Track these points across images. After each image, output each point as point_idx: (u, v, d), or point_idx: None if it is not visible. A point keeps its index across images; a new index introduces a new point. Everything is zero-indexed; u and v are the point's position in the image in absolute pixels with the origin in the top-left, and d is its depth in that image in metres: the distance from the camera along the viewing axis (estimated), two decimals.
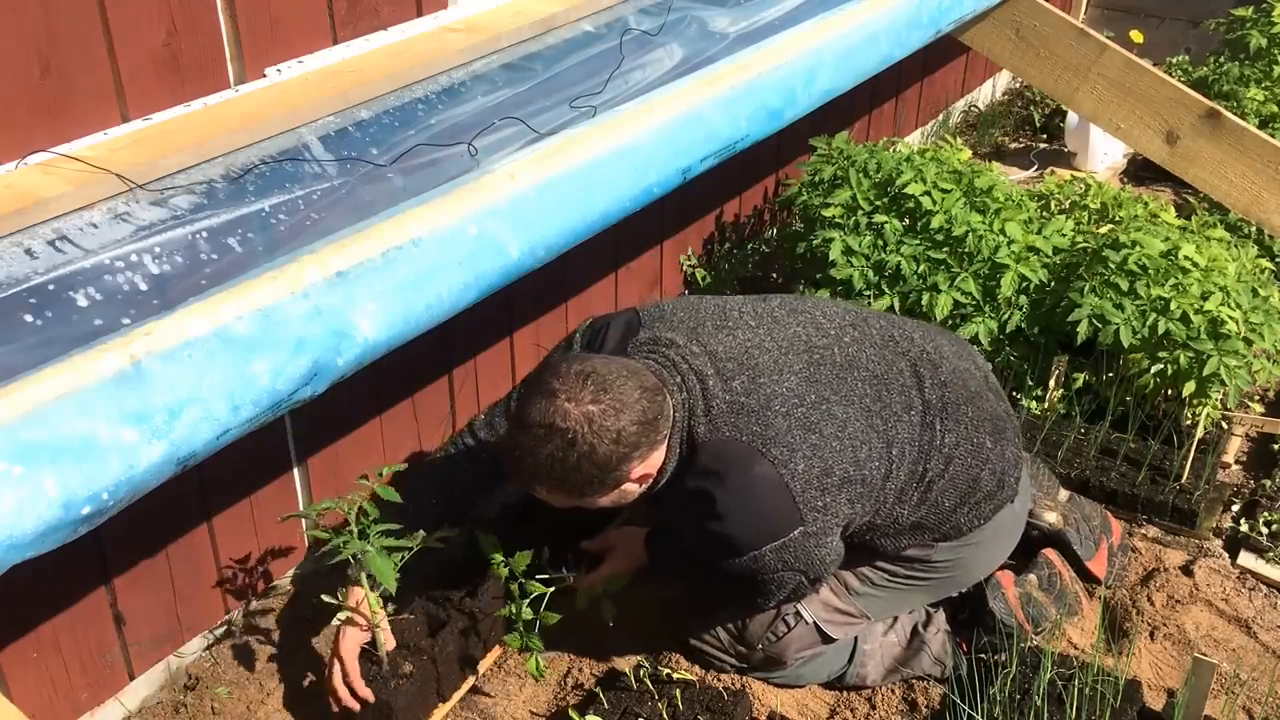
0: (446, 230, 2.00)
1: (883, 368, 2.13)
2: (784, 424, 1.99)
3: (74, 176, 1.77)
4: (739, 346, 2.06)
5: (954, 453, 2.15)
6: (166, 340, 1.65)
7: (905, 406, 2.11)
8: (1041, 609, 2.43)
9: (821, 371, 2.06)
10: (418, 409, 2.81)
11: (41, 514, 1.48)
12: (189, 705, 2.34)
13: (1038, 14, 3.58)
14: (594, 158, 2.25)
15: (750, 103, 2.57)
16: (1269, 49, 4.56)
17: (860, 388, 2.08)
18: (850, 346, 2.13)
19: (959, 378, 2.21)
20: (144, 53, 2.00)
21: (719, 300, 2.21)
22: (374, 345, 1.89)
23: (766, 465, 1.96)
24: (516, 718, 2.33)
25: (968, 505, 2.19)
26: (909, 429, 2.11)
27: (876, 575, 2.28)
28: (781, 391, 2.01)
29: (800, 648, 2.29)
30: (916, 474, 2.13)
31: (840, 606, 2.29)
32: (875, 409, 2.08)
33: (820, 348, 2.10)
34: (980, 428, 2.19)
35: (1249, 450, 3.08)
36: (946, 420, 2.15)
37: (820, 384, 2.05)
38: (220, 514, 2.40)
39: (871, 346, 2.15)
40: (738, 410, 1.99)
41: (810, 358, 2.08)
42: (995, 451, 2.20)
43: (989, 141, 5.06)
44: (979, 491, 2.19)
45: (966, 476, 2.16)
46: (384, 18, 2.42)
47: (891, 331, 2.22)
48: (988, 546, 2.31)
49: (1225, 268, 2.92)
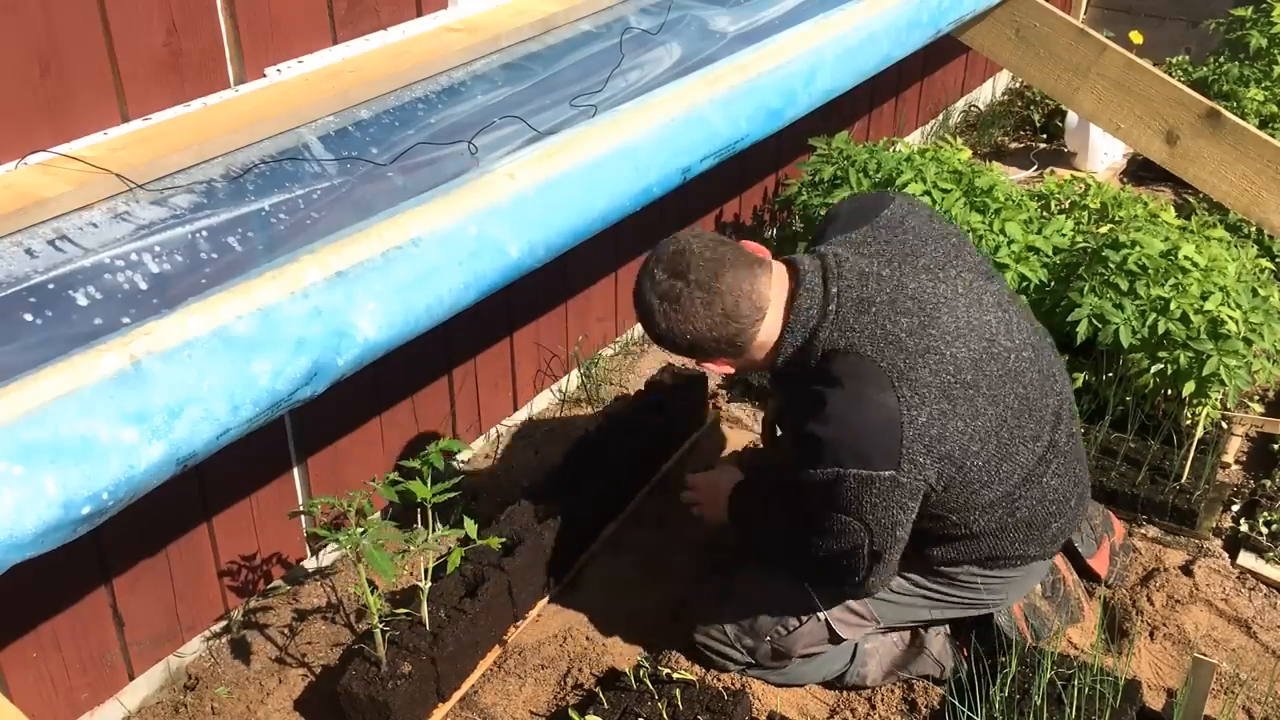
0: (446, 230, 2.00)
1: (1036, 394, 2.12)
2: (930, 378, 1.98)
3: (74, 176, 1.77)
4: (933, 296, 2.06)
5: (1049, 495, 2.17)
6: (166, 340, 1.65)
7: (1034, 437, 2.12)
8: (1044, 619, 2.42)
9: (989, 366, 2.05)
10: (418, 409, 2.81)
11: (41, 514, 1.48)
12: (189, 705, 2.34)
13: (1038, 14, 3.58)
14: (594, 157, 2.25)
15: (750, 103, 2.56)
16: (1269, 49, 4.56)
17: (1010, 399, 2.07)
18: (1023, 363, 2.12)
19: (1078, 437, 2.28)
20: (144, 52, 2.00)
21: (952, 244, 2.19)
22: (374, 345, 1.89)
23: (893, 397, 1.95)
24: (516, 718, 2.33)
25: (1023, 545, 2.20)
26: (1028, 456, 2.11)
27: (898, 582, 2.25)
28: (945, 354, 2.01)
29: (808, 643, 2.29)
30: (1012, 498, 2.12)
31: (855, 608, 2.28)
32: (1012, 423, 2.07)
33: (1001, 346, 2.09)
34: (1075, 486, 2.24)
35: (1249, 450, 3.08)
36: (1059, 465, 2.17)
37: (981, 373, 2.04)
38: (220, 514, 2.40)
39: (1037, 372, 2.15)
40: (892, 342, 1.99)
41: (988, 349, 2.07)
42: (1074, 512, 2.25)
43: (989, 141, 5.07)
44: (1044, 538, 2.21)
45: (1044, 521, 2.18)
46: (384, 18, 2.42)
47: (1053, 370, 2.23)
48: (1011, 587, 2.31)
49: (1225, 268, 2.92)
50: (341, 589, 2.62)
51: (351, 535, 2.11)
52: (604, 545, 2.76)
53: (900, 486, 1.97)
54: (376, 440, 2.72)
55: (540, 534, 2.52)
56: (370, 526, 2.15)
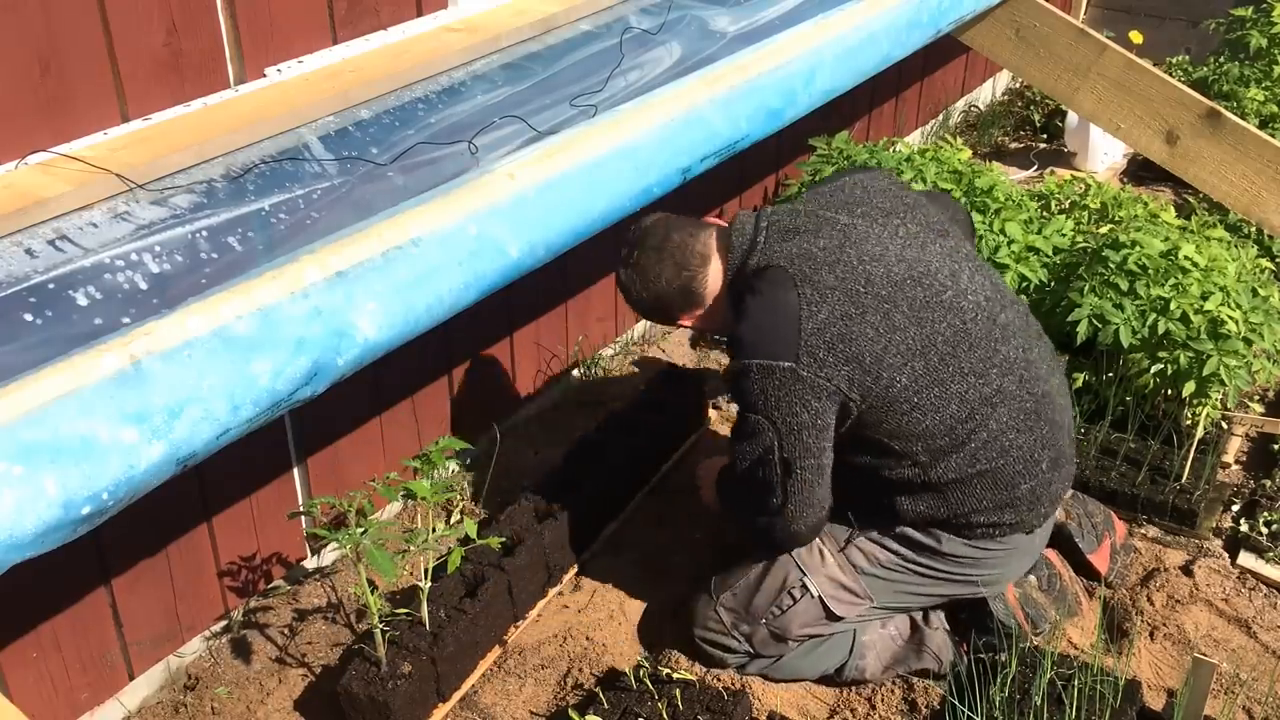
0: (446, 230, 2.00)
1: (981, 337, 2.19)
2: (834, 282, 2.12)
3: (74, 176, 1.77)
4: (863, 232, 2.22)
5: (1010, 450, 2.19)
6: (166, 340, 1.65)
7: (976, 374, 2.17)
8: (1041, 610, 2.43)
9: (913, 290, 2.16)
10: (418, 409, 2.81)
11: (41, 514, 1.48)
12: (189, 705, 2.34)
13: (1038, 14, 3.58)
14: (594, 157, 2.25)
15: (750, 103, 2.56)
16: (1269, 49, 4.56)
17: (942, 328, 2.15)
18: (966, 303, 2.20)
19: (1050, 405, 2.26)
20: (144, 53, 2.00)
21: (908, 204, 2.32)
22: (374, 345, 1.89)
23: (794, 295, 2.11)
24: (516, 718, 2.33)
25: (995, 508, 2.21)
26: (967, 390, 2.16)
27: (884, 555, 2.28)
28: (857, 267, 2.15)
29: (804, 623, 2.30)
30: (959, 439, 2.16)
31: (846, 583, 2.30)
32: (943, 349, 2.15)
33: (936, 281, 2.19)
34: (1045, 448, 2.24)
35: (1249, 450, 3.08)
36: (1014, 417, 2.19)
37: (901, 293, 2.15)
38: (220, 514, 2.40)
39: (987, 319, 2.21)
40: (806, 257, 2.16)
41: (915, 277, 2.17)
42: (1046, 477, 2.25)
43: (989, 141, 5.07)
44: (1014, 501, 2.22)
45: (1010, 479, 2.20)
46: (384, 18, 2.42)
47: (1017, 331, 2.27)
48: (998, 563, 2.31)
49: (1225, 268, 2.92)
50: (341, 589, 2.62)
51: (352, 535, 2.12)
52: (604, 545, 2.76)
53: (800, 380, 2.08)
54: (376, 440, 2.72)
55: (540, 534, 2.52)
56: (370, 526, 2.15)
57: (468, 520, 2.29)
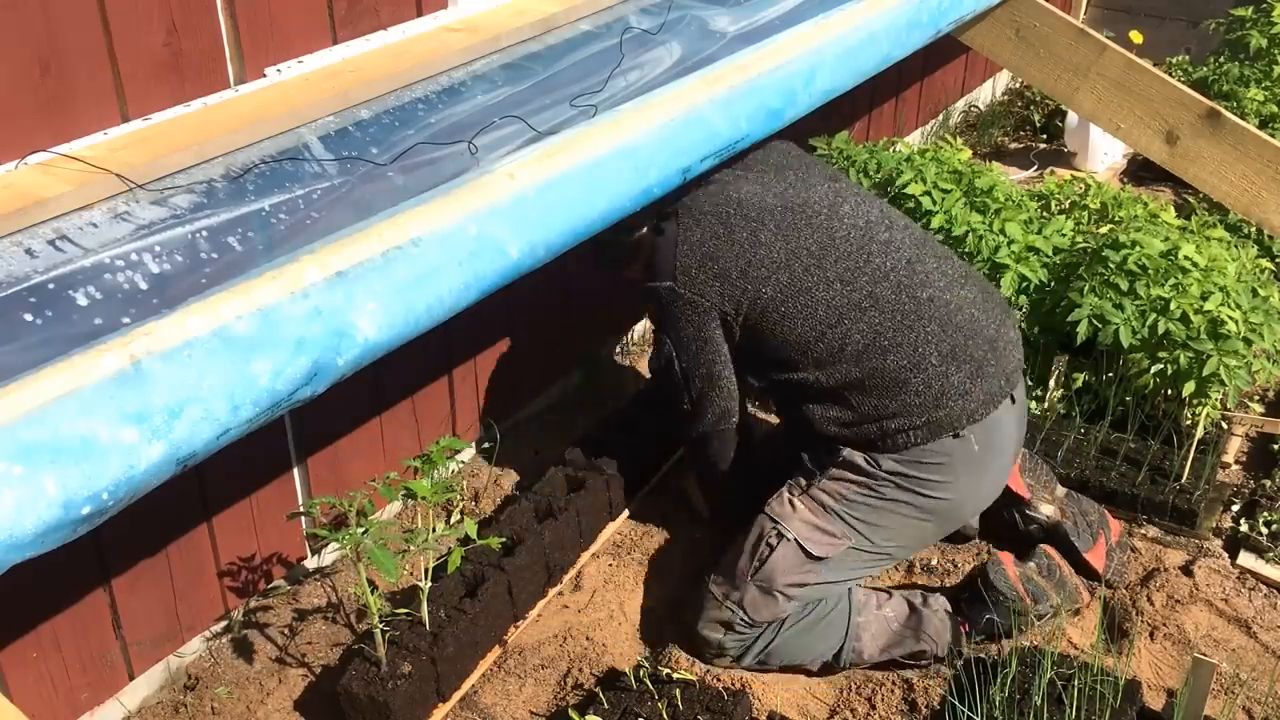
0: (446, 230, 2.00)
1: (854, 251, 2.42)
2: (709, 208, 2.46)
3: (74, 176, 1.77)
4: (754, 180, 2.55)
5: (893, 350, 2.35)
6: (166, 340, 1.65)
7: (843, 281, 2.39)
8: (1041, 589, 2.45)
9: (783, 215, 2.45)
10: (418, 409, 2.81)
11: (41, 514, 1.48)
12: (189, 705, 2.34)
13: (1038, 14, 3.58)
14: (594, 157, 2.25)
15: (750, 103, 2.56)
16: (1269, 49, 4.56)
17: (808, 243, 2.42)
18: (838, 223, 2.46)
19: (943, 308, 2.40)
20: (144, 53, 2.00)
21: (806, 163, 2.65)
22: (374, 345, 1.89)
23: (675, 224, 2.47)
24: (516, 718, 2.33)
25: (902, 411, 2.33)
26: (834, 296, 2.38)
27: (844, 489, 2.37)
28: (731, 196, 2.49)
29: (787, 570, 2.33)
30: (831, 340, 2.37)
31: (819, 524, 2.35)
32: (808, 261, 2.40)
33: (810, 208, 2.48)
34: (931, 344, 2.36)
35: (1249, 450, 3.08)
36: (886, 319, 2.36)
37: (769, 214, 2.45)
38: (220, 514, 2.40)
39: (858, 236, 2.45)
40: (692, 196, 2.51)
41: (787, 204, 2.47)
42: (939, 370, 2.35)
43: (989, 141, 5.07)
44: (914, 400, 2.33)
45: (899, 377, 2.34)
46: (384, 18, 2.42)
47: (897, 242, 2.48)
48: (946, 480, 2.35)
49: (1225, 268, 2.92)
50: (342, 589, 2.63)
51: (352, 535, 2.12)
52: (604, 545, 2.76)
53: (679, 297, 2.42)
54: (376, 440, 2.72)
55: (540, 534, 2.52)
56: (371, 526, 2.15)
57: (468, 520, 2.29)
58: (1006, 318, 2.51)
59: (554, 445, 3.02)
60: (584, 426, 2.95)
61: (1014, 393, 2.43)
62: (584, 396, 3.31)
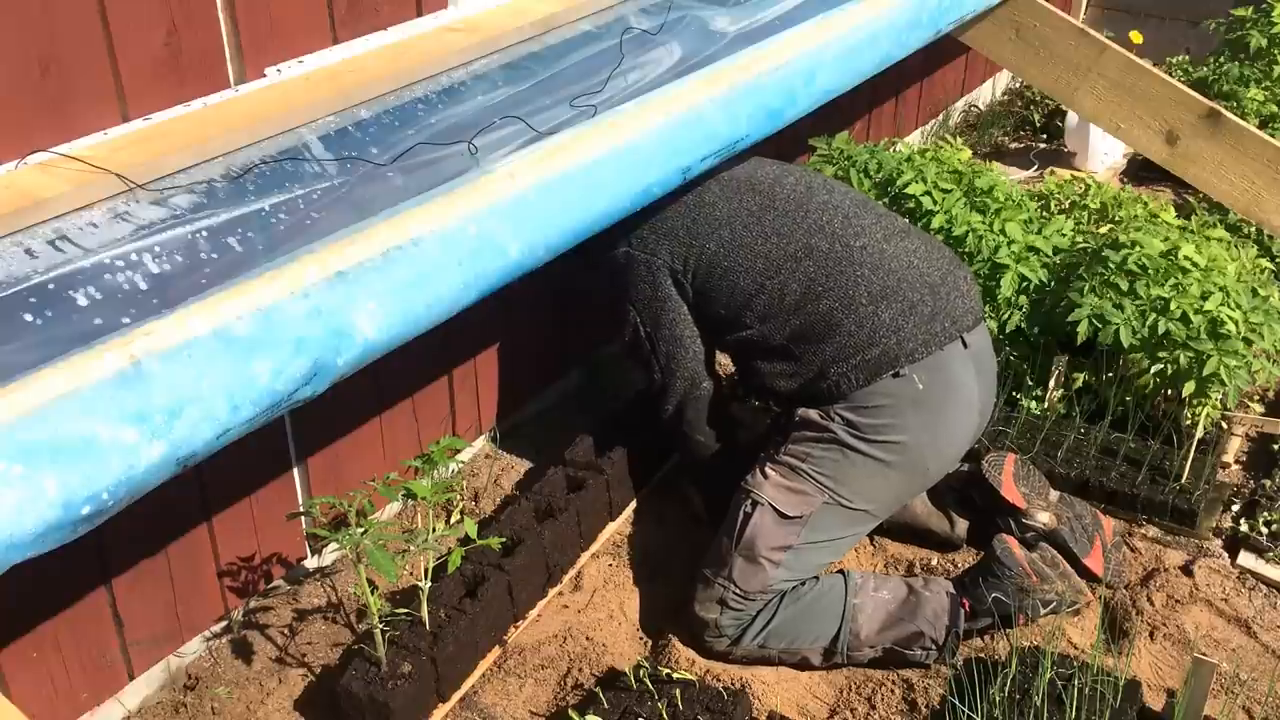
0: (446, 230, 2.00)
1: (786, 206, 2.58)
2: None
3: (74, 176, 1.77)
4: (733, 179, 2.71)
5: (824, 297, 2.45)
6: (166, 340, 1.65)
7: (781, 234, 2.54)
8: (1044, 571, 2.47)
9: (728, 181, 2.65)
10: (418, 409, 2.81)
11: (41, 514, 1.48)
12: (189, 705, 2.34)
13: (1038, 14, 3.58)
14: (594, 157, 2.25)
15: (750, 103, 2.56)
16: (1269, 49, 4.56)
17: (748, 204, 2.60)
18: (779, 188, 2.64)
19: (875, 254, 2.50)
20: (144, 52, 2.00)
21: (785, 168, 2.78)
22: (374, 345, 1.89)
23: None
24: (516, 718, 2.33)
25: (839, 356, 2.41)
26: (771, 249, 2.52)
27: (809, 449, 2.41)
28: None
29: (766, 535, 2.37)
30: (770, 290, 2.50)
31: (790, 485, 2.39)
32: (746, 219, 2.57)
33: (757, 178, 2.67)
34: (860, 285, 2.45)
35: (1249, 450, 3.08)
36: (818, 267, 2.48)
37: (716, 182, 2.65)
38: (220, 514, 2.40)
39: (798, 195, 2.61)
40: None
41: (736, 176, 2.67)
42: (869, 310, 2.43)
43: (989, 141, 5.07)
44: (842, 340, 2.41)
45: (832, 319, 2.43)
46: (384, 18, 2.42)
47: (861, 209, 2.62)
48: (895, 420, 2.38)
49: (1225, 268, 2.92)
50: (341, 589, 2.63)
51: (352, 535, 2.12)
52: (604, 545, 2.76)
53: (634, 259, 2.61)
54: (376, 440, 2.72)
55: (540, 534, 2.52)
56: (370, 526, 2.15)
57: (468, 520, 2.29)
58: (956, 268, 2.58)
59: (554, 445, 3.02)
60: (584, 426, 2.95)
61: (966, 337, 2.46)
62: (584, 396, 3.31)
